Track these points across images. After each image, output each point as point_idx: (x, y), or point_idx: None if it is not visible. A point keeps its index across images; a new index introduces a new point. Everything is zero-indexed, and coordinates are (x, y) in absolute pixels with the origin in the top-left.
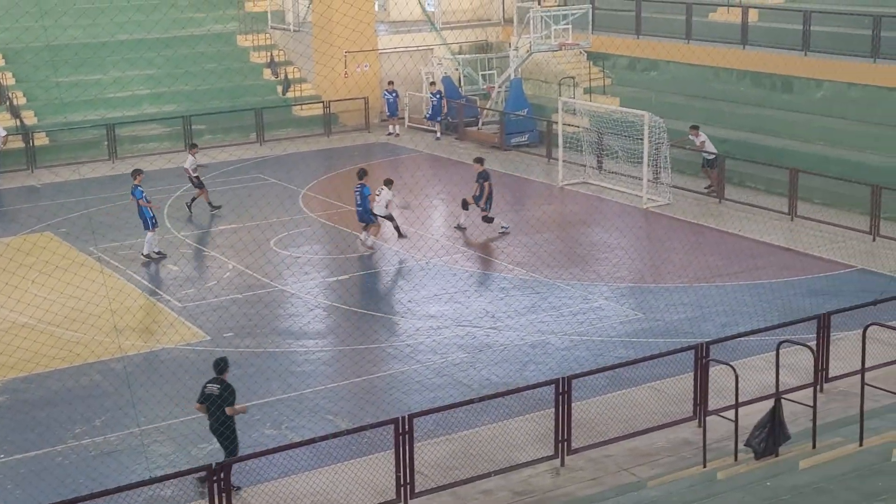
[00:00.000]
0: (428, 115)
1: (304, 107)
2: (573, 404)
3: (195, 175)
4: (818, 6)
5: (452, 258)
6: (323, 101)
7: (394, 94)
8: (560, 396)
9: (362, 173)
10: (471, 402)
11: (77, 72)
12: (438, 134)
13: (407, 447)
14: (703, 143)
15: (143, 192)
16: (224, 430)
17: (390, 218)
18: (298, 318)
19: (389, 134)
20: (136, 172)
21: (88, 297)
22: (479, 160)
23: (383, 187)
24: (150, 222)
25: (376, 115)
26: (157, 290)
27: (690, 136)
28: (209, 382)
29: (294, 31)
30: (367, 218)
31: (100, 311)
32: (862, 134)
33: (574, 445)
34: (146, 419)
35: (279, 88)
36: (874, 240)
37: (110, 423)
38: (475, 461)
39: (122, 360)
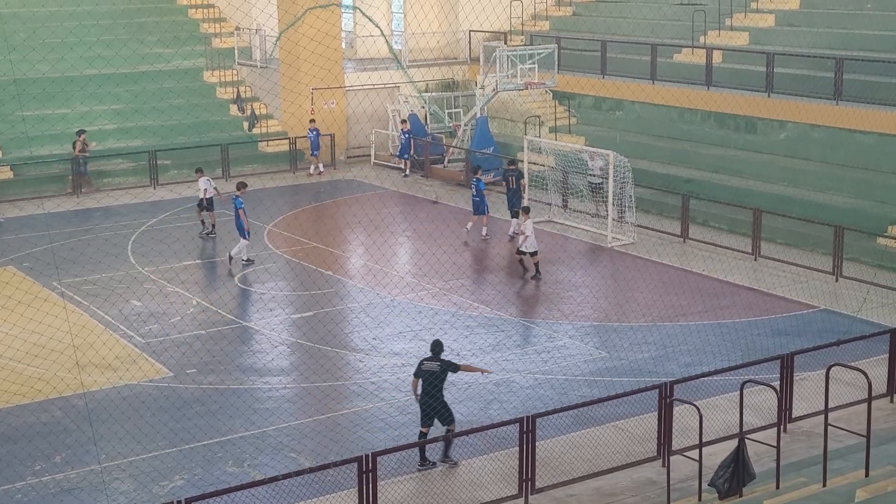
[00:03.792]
0: (399, 154)
1: (270, 143)
2: (537, 443)
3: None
4: (781, 48)
5: (417, 295)
6: (289, 138)
7: (315, 132)
8: (524, 435)
9: (476, 168)
10: (435, 440)
11: (44, 106)
12: (407, 171)
13: (370, 485)
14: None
15: (242, 203)
16: (439, 403)
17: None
18: (262, 354)
19: (311, 174)
20: (242, 185)
21: (51, 333)
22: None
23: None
24: (245, 232)
25: (342, 151)
26: (119, 325)
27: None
28: (426, 360)
29: (261, 67)
30: (481, 209)
31: (62, 346)
32: (825, 175)
33: (538, 484)
34: (107, 456)
35: (245, 124)
36: (837, 280)
37: (71, 460)
38: (439, 500)
39: (83, 397)
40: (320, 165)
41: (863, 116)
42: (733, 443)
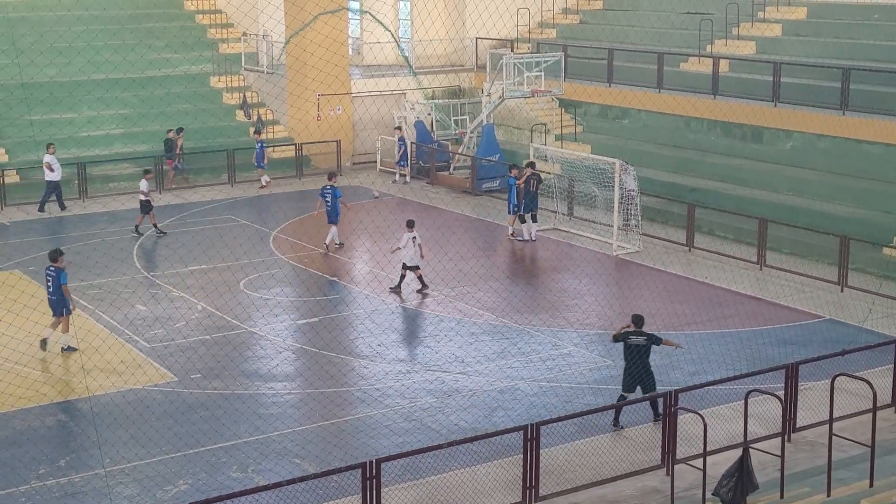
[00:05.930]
0: (401, 161)
1: (276, 149)
2: (541, 451)
3: (147, 199)
4: (788, 58)
5: (422, 302)
6: (295, 144)
7: (261, 144)
8: (528, 443)
9: (511, 167)
10: (439, 447)
11: (51, 110)
12: (404, 178)
13: (374, 492)
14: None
15: (340, 192)
16: (645, 372)
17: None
18: (267, 360)
19: (262, 186)
20: (333, 175)
21: (56, 337)
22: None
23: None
24: (336, 218)
25: (348, 158)
26: (125, 330)
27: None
28: (633, 334)
29: (268, 73)
30: (511, 209)
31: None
32: (830, 185)
33: (542, 492)
34: (111, 460)
35: (251, 130)
36: (842, 290)
37: (75, 464)
38: None
39: (88, 401)
40: (264, 178)
41: (869, 126)
42: (737, 452)
